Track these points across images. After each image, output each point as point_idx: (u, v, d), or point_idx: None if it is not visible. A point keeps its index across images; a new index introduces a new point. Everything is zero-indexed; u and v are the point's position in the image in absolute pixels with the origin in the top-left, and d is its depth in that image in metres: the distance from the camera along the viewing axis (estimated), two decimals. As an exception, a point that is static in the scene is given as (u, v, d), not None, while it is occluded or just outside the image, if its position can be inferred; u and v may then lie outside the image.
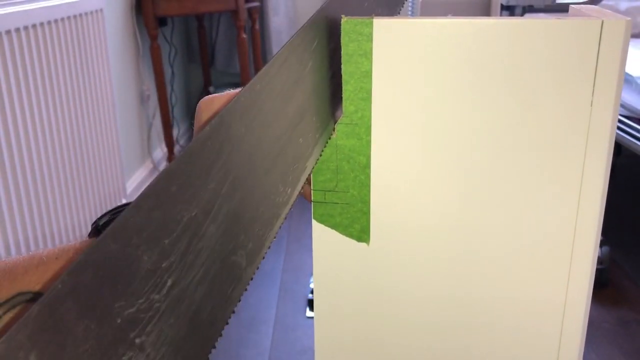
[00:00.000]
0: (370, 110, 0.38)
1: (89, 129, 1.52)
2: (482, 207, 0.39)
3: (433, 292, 0.41)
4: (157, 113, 2.31)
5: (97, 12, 1.58)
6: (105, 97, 1.63)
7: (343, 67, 0.37)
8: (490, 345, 0.41)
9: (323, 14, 0.39)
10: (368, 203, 0.40)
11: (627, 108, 1.65)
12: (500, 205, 0.38)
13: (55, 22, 1.34)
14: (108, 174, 1.65)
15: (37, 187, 1.26)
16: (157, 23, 2.15)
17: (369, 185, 0.39)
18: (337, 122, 0.39)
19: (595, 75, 0.35)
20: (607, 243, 1.64)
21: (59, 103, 1.36)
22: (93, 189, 1.55)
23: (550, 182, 0.37)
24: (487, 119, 0.37)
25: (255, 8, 2.51)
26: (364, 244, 0.41)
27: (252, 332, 1.51)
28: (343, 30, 0.37)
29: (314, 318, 0.43)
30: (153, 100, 2.27)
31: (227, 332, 0.29)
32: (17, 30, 1.19)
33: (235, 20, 2.27)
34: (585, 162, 0.37)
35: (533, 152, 0.37)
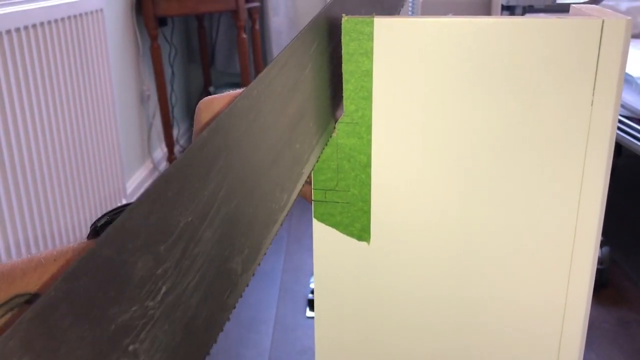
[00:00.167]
0: (371, 110, 0.38)
1: (89, 129, 1.52)
2: (482, 206, 0.38)
3: (433, 291, 0.41)
4: (157, 113, 2.31)
5: (97, 12, 1.58)
6: (106, 97, 1.63)
7: (344, 66, 0.37)
8: (490, 346, 0.41)
9: (323, 15, 0.39)
10: (368, 202, 0.40)
11: (627, 108, 1.65)
12: (501, 205, 0.38)
13: (55, 22, 1.34)
14: (108, 174, 1.65)
15: (37, 186, 1.26)
16: (157, 23, 2.15)
17: (370, 184, 0.39)
18: (337, 121, 0.39)
19: (596, 75, 0.35)
20: (607, 243, 1.64)
21: (59, 103, 1.36)
22: (93, 189, 1.54)
23: (551, 182, 0.37)
24: (487, 119, 0.37)
25: (256, 8, 2.51)
26: (365, 243, 0.41)
27: (252, 332, 1.51)
28: (344, 30, 0.37)
29: (314, 318, 0.43)
30: (153, 100, 2.27)
31: (227, 332, 0.29)
32: (17, 30, 1.19)
33: (236, 20, 2.27)
34: (586, 162, 0.37)
35: (533, 151, 0.37)
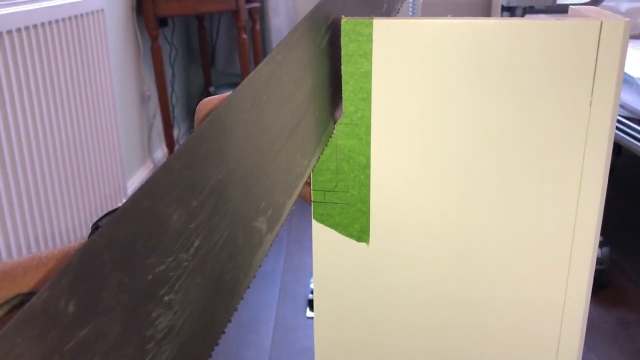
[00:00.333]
0: (370, 111, 0.38)
1: (90, 129, 1.52)
2: (481, 207, 0.39)
3: (432, 292, 0.41)
4: (157, 113, 2.31)
5: (98, 12, 1.58)
6: (106, 97, 1.63)
7: (343, 67, 0.37)
8: (490, 346, 0.41)
9: (323, 13, 0.39)
10: (368, 203, 0.40)
11: (627, 109, 1.65)
12: (500, 206, 0.38)
13: (57, 22, 1.34)
14: (109, 174, 1.66)
15: (37, 186, 1.26)
16: (157, 23, 2.15)
17: (369, 185, 0.39)
18: (337, 122, 0.39)
19: (594, 76, 0.35)
20: (606, 244, 1.64)
21: (60, 103, 1.36)
22: (94, 189, 1.55)
23: (550, 182, 0.37)
24: (486, 120, 0.37)
25: (256, 8, 2.51)
26: (364, 244, 0.41)
27: (252, 332, 1.51)
28: (343, 31, 0.37)
29: (314, 318, 0.44)
30: (154, 101, 2.27)
31: (227, 332, 0.29)
32: (18, 31, 1.19)
33: (236, 21, 2.27)
34: (585, 162, 0.37)
35: (532, 152, 0.37)
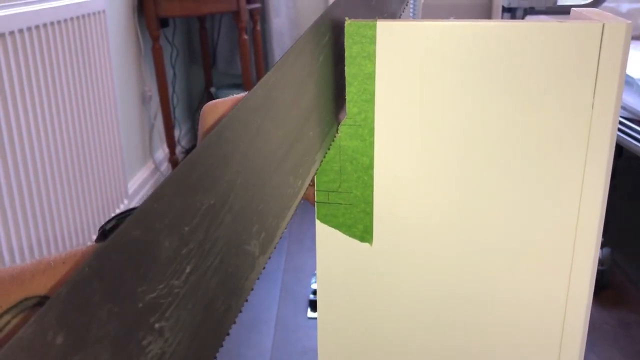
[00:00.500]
0: (374, 112, 0.38)
1: (91, 130, 1.53)
2: (484, 208, 0.39)
3: (435, 292, 0.41)
4: (158, 114, 2.32)
5: (99, 13, 1.58)
6: (108, 97, 1.63)
7: (347, 69, 0.38)
8: (493, 346, 0.42)
9: (328, 17, 0.39)
10: (371, 204, 0.40)
11: (628, 110, 1.65)
12: (502, 207, 0.39)
13: (58, 23, 1.35)
14: (110, 175, 1.66)
15: (39, 186, 1.26)
16: (159, 24, 2.15)
17: (372, 186, 0.40)
18: (340, 123, 0.39)
19: (596, 78, 0.35)
20: (608, 244, 1.64)
21: (62, 103, 1.36)
22: (95, 190, 1.55)
23: (552, 184, 0.38)
24: (489, 121, 0.37)
25: (257, 9, 2.51)
26: (367, 244, 0.41)
27: (253, 332, 1.51)
28: (347, 33, 0.37)
29: (318, 318, 0.44)
30: (155, 101, 2.27)
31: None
32: (20, 32, 1.19)
33: (237, 22, 2.27)
34: (587, 164, 0.37)
35: (535, 154, 0.37)
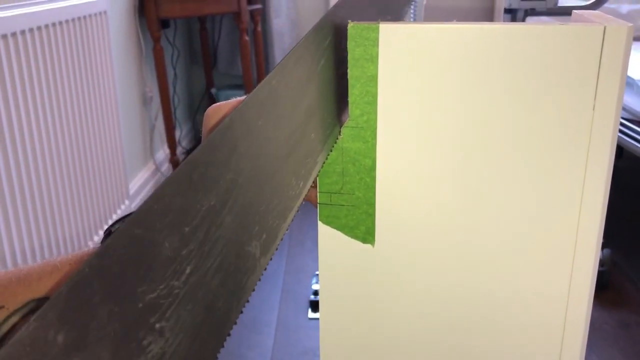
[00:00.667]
0: (376, 114, 0.38)
1: (92, 131, 1.53)
2: (486, 210, 0.39)
3: (437, 293, 0.41)
4: (159, 114, 2.32)
5: (100, 14, 1.58)
6: (109, 98, 1.64)
7: (349, 71, 0.38)
8: (495, 346, 0.42)
9: (329, 20, 0.39)
10: (373, 205, 0.40)
11: (628, 111, 1.65)
12: (504, 208, 0.39)
13: (60, 24, 1.35)
14: (111, 175, 1.66)
15: (41, 187, 1.26)
16: (159, 25, 2.15)
17: (375, 188, 0.40)
18: (343, 125, 0.39)
19: (598, 80, 0.35)
20: (608, 245, 1.65)
21: (63, 104, 1.36)
22: (96, 191, 1.55)
23: (553, 184, 0.38)
24: (491, 123, 0.37)
25: (258, 10, 2.52)
26: (369, 246, 0.41)
27: (254, 333, 1.51)
28: (349, 35, 0.37)
29: (320, 319, 0.44)
30: (156, 102, 2.28)
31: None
32: (22, 33, 1.19)
33: (238, 23, 2.28)
34: (587, 165, 0.37)
35: (536, 155, 0.37)
